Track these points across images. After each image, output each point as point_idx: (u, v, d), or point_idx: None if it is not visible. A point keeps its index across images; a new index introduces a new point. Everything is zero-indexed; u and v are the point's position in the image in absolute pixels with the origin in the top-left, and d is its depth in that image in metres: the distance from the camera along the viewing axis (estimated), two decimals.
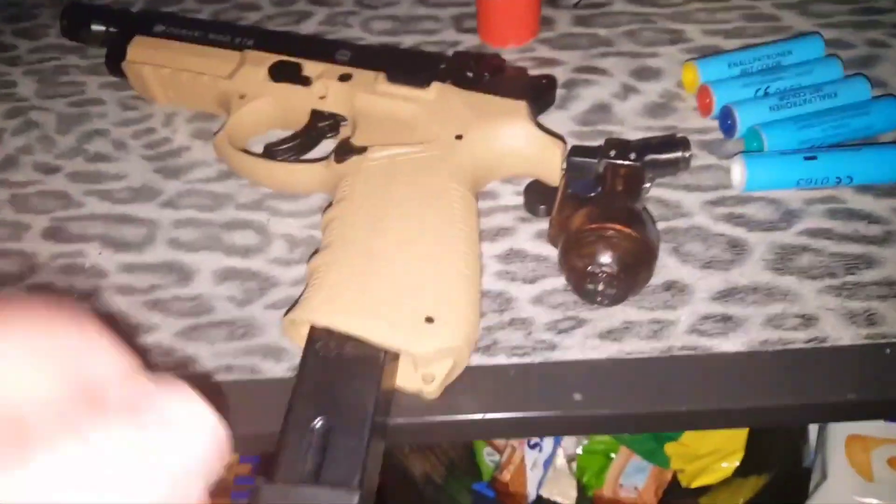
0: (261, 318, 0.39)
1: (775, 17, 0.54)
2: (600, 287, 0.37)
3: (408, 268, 0.35)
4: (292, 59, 0.47)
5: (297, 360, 0.36)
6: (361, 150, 0.41)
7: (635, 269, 0.36)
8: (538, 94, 0.46)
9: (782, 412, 0.35)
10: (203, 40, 0.49)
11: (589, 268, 0.36)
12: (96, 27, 0.53)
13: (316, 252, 0.38)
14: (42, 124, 0.51)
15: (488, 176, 0.44)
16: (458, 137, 0.42)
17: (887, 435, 0.73)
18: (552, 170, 0.43)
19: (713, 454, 0.87)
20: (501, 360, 0.36)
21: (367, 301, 0.34)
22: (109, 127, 0.51)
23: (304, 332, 0.35)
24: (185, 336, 0.39)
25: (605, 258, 0.36)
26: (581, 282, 0.37)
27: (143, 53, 0.49)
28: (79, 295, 0.41)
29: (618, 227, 0.36)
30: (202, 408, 0.19)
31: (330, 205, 0.40)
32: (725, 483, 0.87)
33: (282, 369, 0.37)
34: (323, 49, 0.48)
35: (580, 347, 0.37)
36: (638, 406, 0.35)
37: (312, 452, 0.30)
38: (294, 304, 0.36)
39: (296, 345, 0.36)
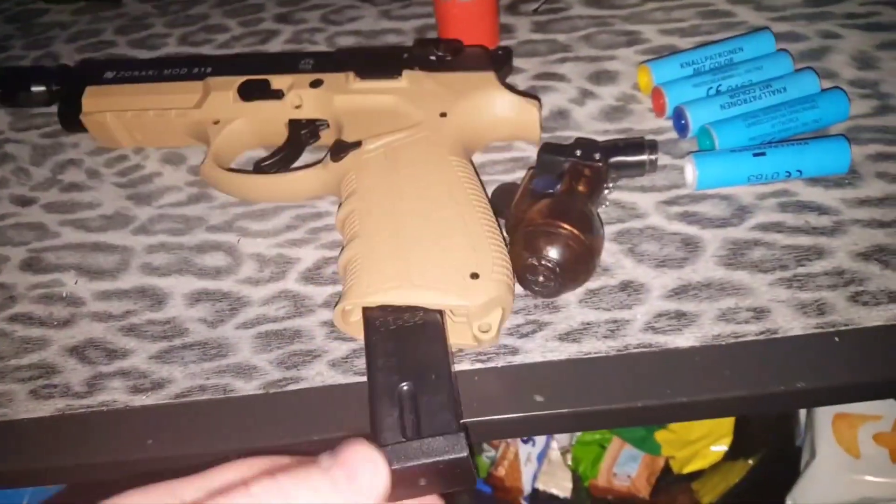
0: (232, 338, 0.40)
1: (730, 13, 0.55)
2: (539, 279, 0.38)
3: (438, 234, 0.37)
4: (258, 77, 0.48)
5: (267, 377, 0.38)
6: (356, 144, 0.43)
7: (575, 268, 0.38)
8: (500, 64, 0.49)
9: (736, 403, 0.36)
10: (159, 77, 0.50)
11: (530, 260, 0.38)
12: (36, 88, 0.53)
13: (342, 248, 0.39)
14: (16, 156, 0.52)
15: (477, 143, 0.47)
16: (443, 115, 0.44)
17: (872, 412, 0.74)
18: (532, 127, 0.46)
19: (703, 439, 0.89)
20: (466, 366, 0.38)
21: (413, 272, 0.36)
22: (83, 156, 0.52)
23: (356, 319, 0.36)
24: (160, 359, 0.40)
25: (548, 254, 0.37)
26: (522, 271, 0.38)
27: (100, 102, 0.50)
28: (57, 323, 0.42)
29: (565, 226, 0.37)
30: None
31: (340, 204, 0.41)
32: (716, 466, 0.88)
33: (253, 387, 0.38)
34: (286, 61, 0.50)
35: (540, 350, 0.38)
36: (597, 404, 0.36)
37: (407, 413, 0.32)
38: (340, 298, 0.37)
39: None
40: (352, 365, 0.38)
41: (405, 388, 0.33)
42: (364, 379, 0.37)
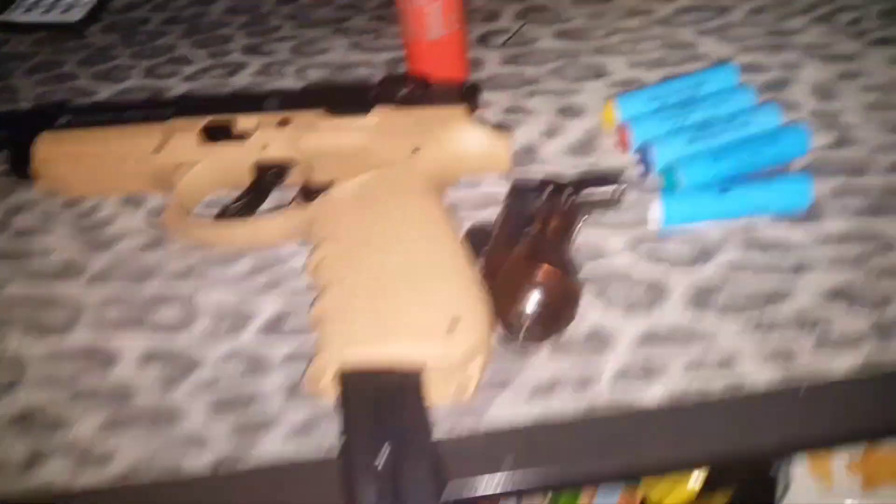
0: (184, 404, 0.39)
1: (694, 44, 0.56)
2: (522, 327, 0.38)
3: (415, 281, 0.37)
4: (222, 118, 0.48)
5: (220, 450, 0.36)
6: (327, 186, 0.43)
7: (557, 311, 0.38)
8: (469, 99, 0.49)
9: (707, 458, 0.36)
10: (117, 121, 0.48)
11: (513, 307, 0.38)
12: None
13: (315, 298, 0.38)
14: None
15: (450, 178, 0.47)
16: (414, 151, 0.44)
17: None
18: (503, 159, 0.46)
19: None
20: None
21: (388, 327, 0.35)
22: (38, 198, 0.50)
23: (330, 379, 0.35)
24: (106, 429, 0.38)
25: (531, 298, 0.37)
26: (505, 319, 0.38)
27: (54, 150, 0.48)
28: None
29: (545, 268, 0.38)
30: None
31: (312, 249, 0.41)
32: (694, 499, 0.89)
33: (204, 463, 0.36)
34: (250, 101, 0.49)
35: (509, 408, 0.37)
36: (566, 466, 0.36)
37: (386, 486, 0.31)
38: (311, 360, 0.36)
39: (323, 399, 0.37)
40: (314, 434, 0.37)
41: (384, 456, 0.32)
42: (332, 450, 0.36)
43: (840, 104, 0.49)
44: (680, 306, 0.40)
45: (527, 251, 0.39)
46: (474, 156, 0.46)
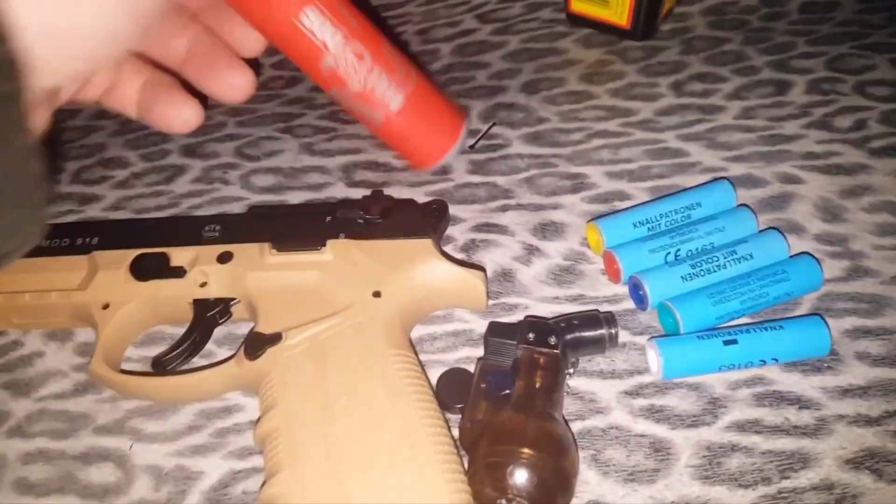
0: None
1: (682, 151, 0.51)
2: None
3: (378, 465, 0.31)
4: (155, 251, 0.42)
5: None
6: (276, 338, 0.37)
7: (550, 498, 0.32)
8: (436, 224, 0.44)
9: None
10: (36, 251, 0.42)
11: (498, 500, 0.32)
12: None
13: (264, 483, 0.32)
14: None
15: (416, 320, 0.41)
16: (376, 295, 0.38)
17: None
18: (478, 299, 0.41)
19: None
20: None
21: None
22: None
23: None
24: None
25: (516, 488, 0.31)
26: None
27: None
28: None
29: (529, 452, 0.32)
30: None
31: (260, 415, 0.35)
32: None
33: None
34: (186, 229, 0.43)
35: None
36: None
37: None
38: None
39: None
40: None
41: None
42: None
43: (847, 227, 0.45)
44: (687, 475, 0.35)
45: (509, 427, 0.33)
46: (444, 294, 0.41)
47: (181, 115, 0.40)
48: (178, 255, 0.41)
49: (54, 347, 0.43)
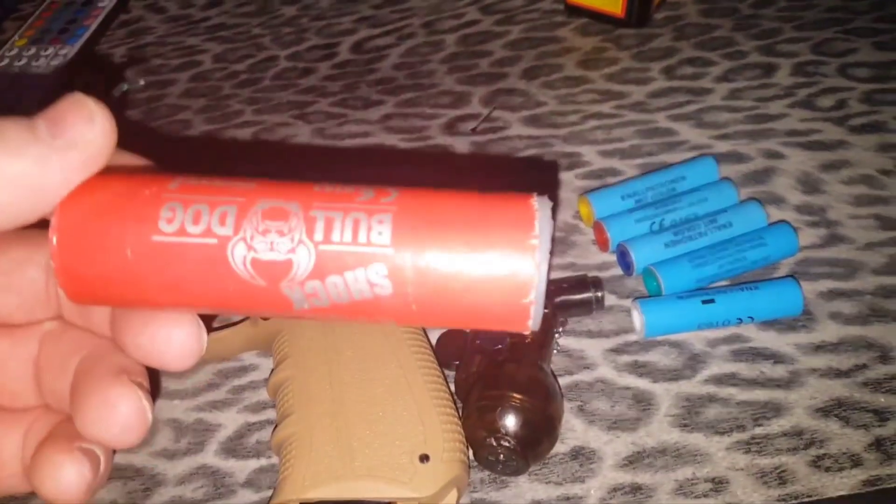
0: None
1: (671, 131, 0.54)
2: (500, 457, 0.35)
3: (381, 412, 0.34)
4: None
5: None
6: None
7: (536, 441, 0.35)
8: None
9: None
10: None
11: (488, 440, 0.35)
12: None
13: (276, 425, 0.35)
14: None
15: None
16: None
17: None
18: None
19: None
20: None
21: (355, 460, 0.33)
22: None
23: None
24: None
25: (505, 430, 0.34)
26: (480, 451, 0.35)
27: None
28: None
29: (518, 396, 0.35)
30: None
31: (272, 368, 0.38)
32: None
33: None
34: None
35: None
36: None
37: None
38: (274, 491, 0.34)
39: None
40: None
41: None
42: None
43: (825, 198, 0.47)
44: (667, 423, 0.37)
45: (500, 375, 0.36)
46: None
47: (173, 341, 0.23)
48: None
49: None
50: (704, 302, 0.40)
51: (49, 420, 0.26)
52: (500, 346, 0.38)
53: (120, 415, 0.23)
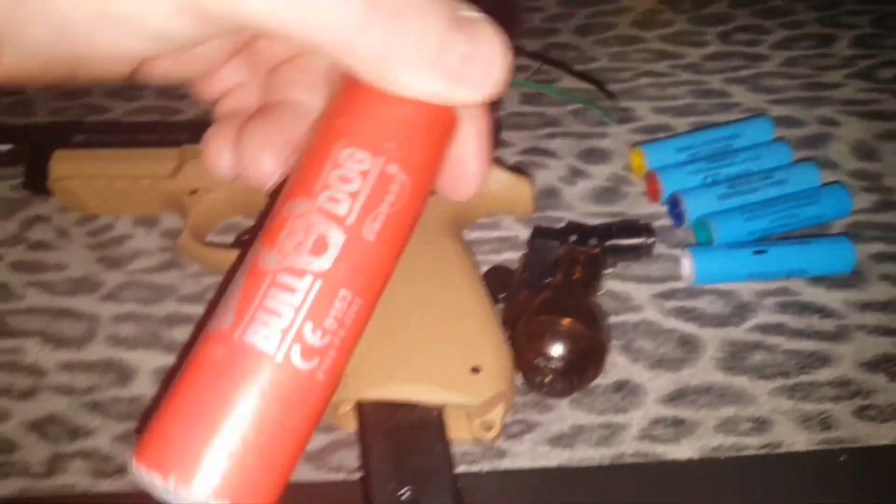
0: None
1: (725, 92, 0.54)
2: (546, 380, 0.36)
3: (436, 323, 0.35)
4: None
5: None
6: None
7: (583, 366, 0.35)
8: None
9: None
10: (133, 143, 0.47)
11: (535, 360, 0.35)
12: (0, 147, 0.50)
13: None
14: None
15: (467, 219, 0.44)
16: (432, 192, 0.41)
17: None
18: (524, 204, 0.44)
19: None
20: None
21: (410, 365, 0.34)
22: (52, 213, 0.49)
23: (346, 411, 0.34)
24: (125, 440, 0.36)
25: (554, 352, 0.35)
26: (527, 372, 0.36)
27: (69, 168, 0.46)
28: (19, 394, 0.39)
29: (567, 321, 0.35)
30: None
31: None
32: None
33: None
34: None
35: (530, 455, 0.35)
36: None
37: None
38: None
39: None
40: (326, 461, 0.35)
41: (406, 494, 0.31)
42: (342, 477, 0.34)
43: (880, 166, 0.47)
44: (711, 365, 0.38)
45: (549, 301, 0.36)
46: (494, 197, 0.44)
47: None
48: None
49: (142, 231, 0.47)
50: (756, 252, 0.40)
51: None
52: (548, 280, 0.39)
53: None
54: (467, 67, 0.22)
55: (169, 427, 0.21)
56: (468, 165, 0.26)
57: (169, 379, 0.41)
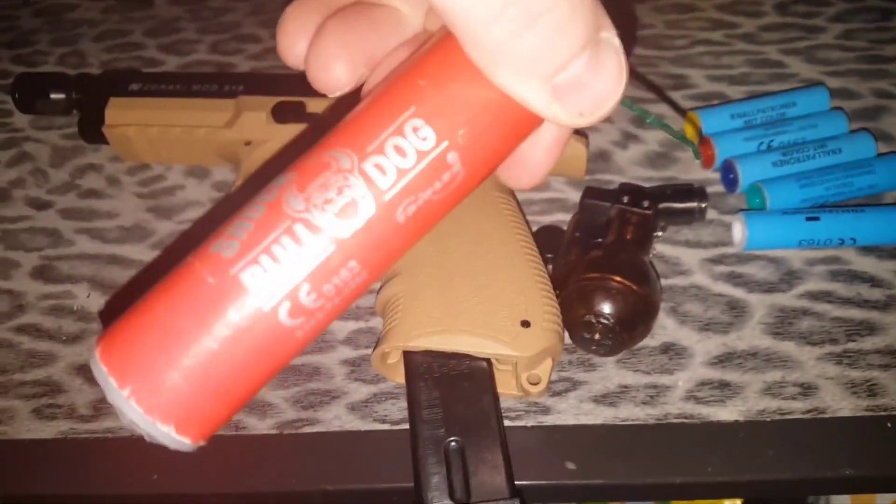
0: None
1: (781, 63, 0.53)
2: (596, 337, 0.36)
3: (486, 276, 0.35)
4: (294, 99, 0.46)
5: (283, 416, 0.36)
6: None
7: (633, 324, 0.36)
8: None
9: (778, 486, 0.34)
10: (188, 93, 0.48)
11: (586, 317, 0.36)
12: (56, 96, 0.50)
13: (382, 285, 0.37)
14: (35, 157, 0.51)
15: None
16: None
17: None
18: (578, 164, 0.45)
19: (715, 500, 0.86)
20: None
21: (460, 317, 0.34)
22: (104, 162, 0.50)
23: (394, 361, 0.35)
24: None
25: (604, 309, 0.35)
26: (577, 329, 0.36)
27: (124, 115, 0.47)
28: (66, 338, 0.40)
29: (619, 279, 0.35)
30: None
31: None
32: None
33: (266, 426, 0.36)
34: None
35: (574, 412, 0.36)
36: (632, 476, 0.34)
37: (455, 473, 0.31)
38: (379, 339, 0.35)
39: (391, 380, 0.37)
40: (372, 410, 0.36)
41: (452, 443, 0.31)
42: (386, 427, 0.36)
43: None
44: (759, 330, 0.38)
45: (600, 259, 0.37)
46: None
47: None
48: (315, 104, 0.46)
49: (194, 182, 0.48)
50: (808, 219, 0.40)
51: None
52: (599, 240, 0.39)
53: None
54: (577, 93, 0.20)
55: (140, 336, 0.21)
56: (536, 161, 0.25)
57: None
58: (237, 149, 0.45)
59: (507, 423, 0.35)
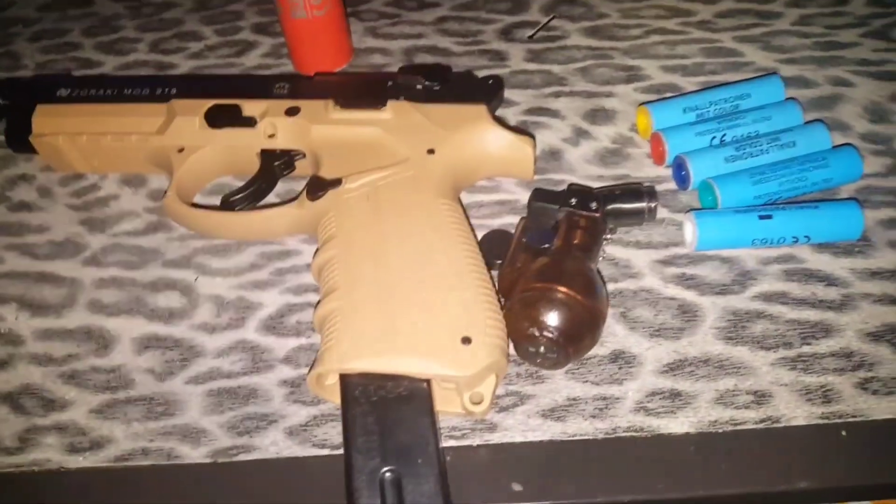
0: (181, 394, 0.36)
1: (736, 51, 0.52)
2: (541, 350, 0.35)
3: (426, 291, 0.34)
4: (228, 102, 0.44)
5: (217, 443, 0.34)
6: (336, 182, 0.39)
7: (579, 336, 0.34)
8: (490, 96, 0.45)
9: (731, 501, 0.33)
10: (119, 98, 0.45)
11: (530, 330, 0.34)
12: None
13: (320, 300, 0.35)
14: None
15: (466, 181, 0.43)
16: (430, 152, 0.41)
17: None
18: (525, 166, 0.43)
19: None
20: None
21: (398, 336, 0.33)
22: (35, 172, 0.48)
23: (332, 383, 0.34)
24: (101, 413, 0.36)
25: (549, 322, 0.34)
26: (521, 342, 0.35)
27: (51, 123, 0.45)
28: None
29: (564, 289, 0.34)
30: None
31: (318, 248, 0.38)
32: None
33: (200, 454, 0.34)
34: (258, 85, 0.46)
35: (521, 428, 0.34)
36: (580, 496, 0.33)
37: (390, 492, 0.30)
38: (315, 360, 0.34)
39: (328, 401, 0.36)
40: (311, 434, 0.35)
41: (388, 474, 0.30)
42: (326, 452, 0.34)
43: (893, 128, 0.46)
44: (711, 335, 0.37)
45: (546, 268, 0.35)
46: (493, 159, 0.43)
47: None
48: (250, 107, 0.44)
49: (129, 192, 0.46)
50: (762, 217, 0.39)
51: None
52: (547, 245, 0.38)
53: None
54: None
55: None
56: None
57: None
58: (170, 155, 0.43)
59: (451, 442, 0.34)
